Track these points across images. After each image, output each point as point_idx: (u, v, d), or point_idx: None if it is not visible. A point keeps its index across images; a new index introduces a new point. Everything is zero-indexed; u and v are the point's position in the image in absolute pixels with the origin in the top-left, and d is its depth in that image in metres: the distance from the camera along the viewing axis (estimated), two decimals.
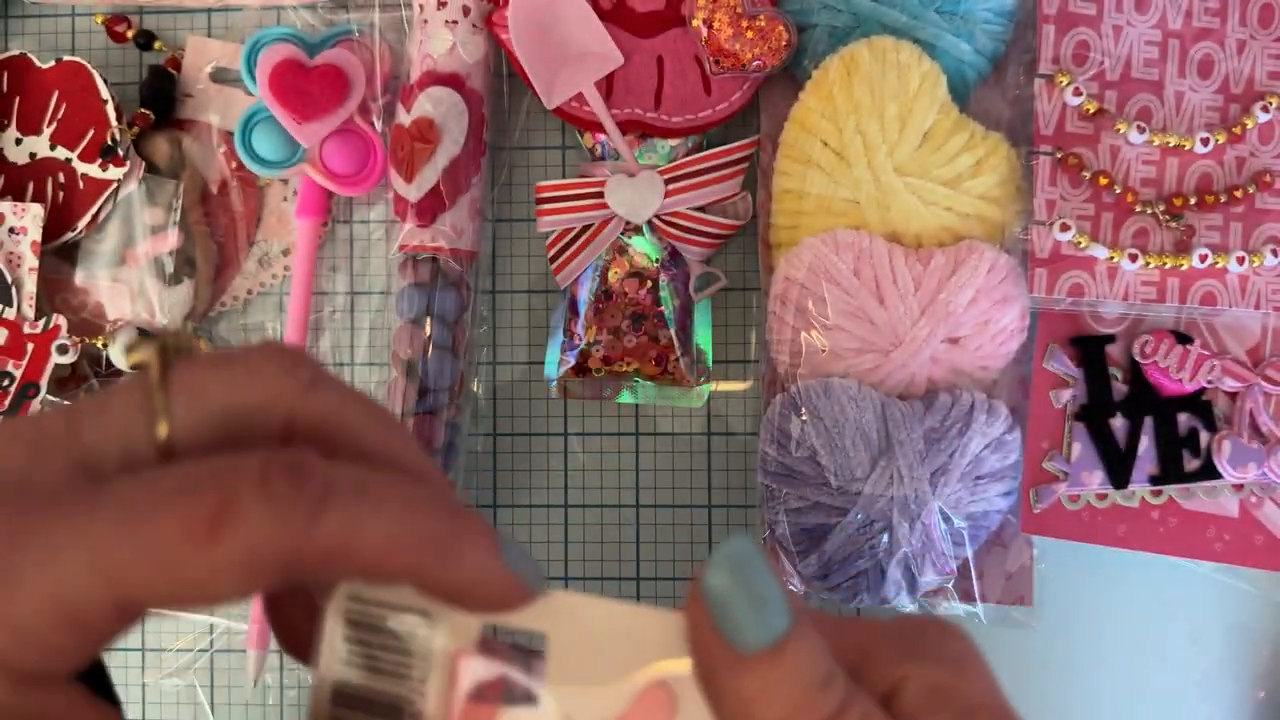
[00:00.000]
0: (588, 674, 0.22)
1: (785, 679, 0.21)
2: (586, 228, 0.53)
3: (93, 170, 0.54)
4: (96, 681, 0.23)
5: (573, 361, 0.54)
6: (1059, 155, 0.50)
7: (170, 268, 0.54)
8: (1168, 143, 0.50)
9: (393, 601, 0.22)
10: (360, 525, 0.20)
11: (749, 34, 0.51)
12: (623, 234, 0.53)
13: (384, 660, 0.22)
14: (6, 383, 0.52)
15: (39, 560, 0.19)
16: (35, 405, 0.53)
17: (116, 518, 0.19)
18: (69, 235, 0.54)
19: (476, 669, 0.22)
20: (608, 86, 0.52)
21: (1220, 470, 0.51)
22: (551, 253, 0.54)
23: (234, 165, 0.55)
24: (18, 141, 0.54)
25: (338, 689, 0.22)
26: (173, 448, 0.21)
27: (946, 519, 0.49)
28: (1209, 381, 0.51)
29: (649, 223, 0.53)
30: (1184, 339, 0.51)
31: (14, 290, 0.53)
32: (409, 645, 0.22)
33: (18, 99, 0.54)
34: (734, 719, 0.21)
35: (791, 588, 0.52)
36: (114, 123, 0.53)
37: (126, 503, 0.20)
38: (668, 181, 0.52)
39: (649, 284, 0.54)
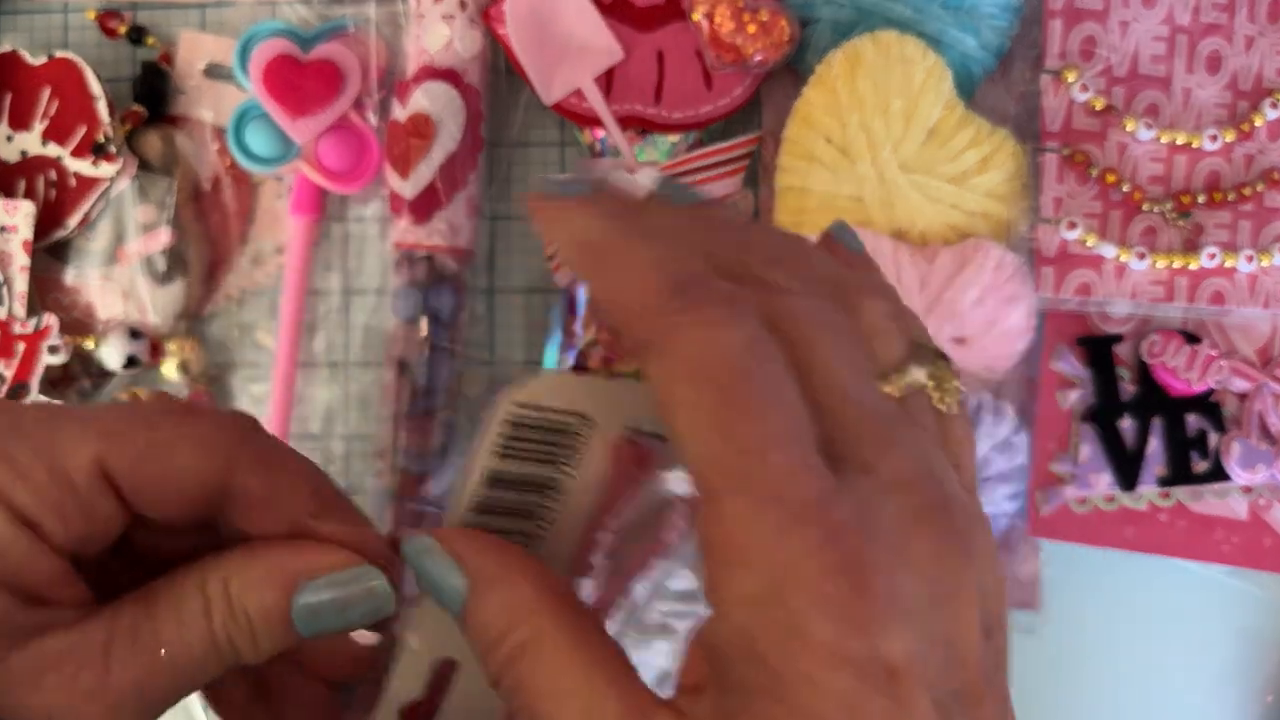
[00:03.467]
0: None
1: (475, 635, 0.24)
2: None
3: (84, 167, 0.54)
4: None
5: (571, 361, 0.54)
6: (1066, 152, 0.50)
7: (162, 266, 0.55)
8: (1175, 140, 0.50)
9: (555, 406, 0.26)
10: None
11: (751, 28, 0.50)
12: None
13: (536, 450, 0.27)
14: None
15: (39, 422, 0.25)
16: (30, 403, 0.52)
17: (106, 405, 0.26)
18: (60, 233, 0.54)
19: (622, 450, 0.27)
20: (607, 82, 0.52)
21: (1229, 472, 0.50)
22: (549, 251, 0.54)
23: (227, 162, 0.55)
24: (8, 138, 0.54)
25: (491, 474, 0.27)
26: None
27: None
28: (1218, 382, 0.50)
29: None
30: (1192, 339, 0.51)
31: (5, 289, 0.53)
32: (561, 438, 0.27)
33: (8, 95, 0.54)
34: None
35: None
36: (106, 119, 0.53)
37: (115, 401, 0.26)
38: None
39: None
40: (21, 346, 0.53)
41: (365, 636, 0.28)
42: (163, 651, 0.24)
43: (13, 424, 0.24)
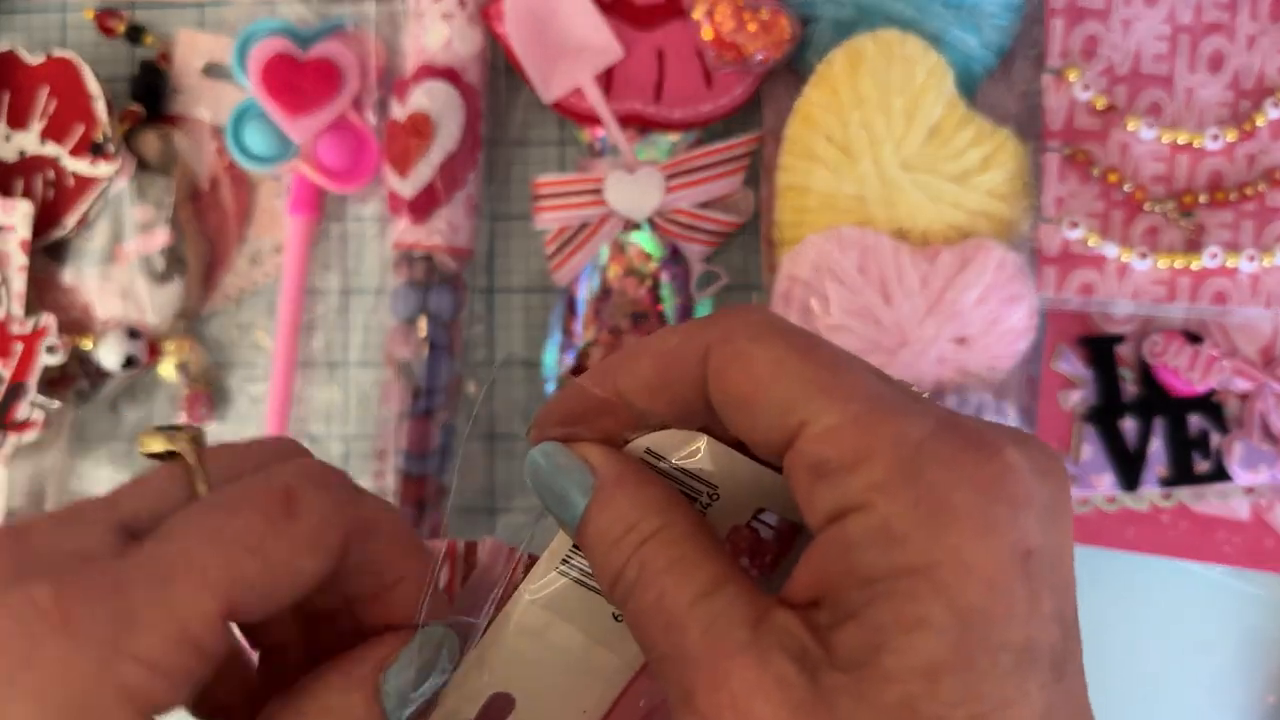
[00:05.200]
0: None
1: (599, 535, 0.24)
2: (585, 225, 0.53)
3: (82, 167, 0.53)
4: None
5: (571, 361, 0.54)
6: (1068, 151, 0.50)
7: (161, 265, 0.54)
8: (1178, 139, 0.50)
9: (687, 468, 0.25)
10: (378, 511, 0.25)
11: (751, 26, 0.50)
12: (622, 231, 0.53)
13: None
14: None
15: (148, 593, 0.21)
16: (24, 406, 0.52)
17: (202, 533, 0.22)
18: (58, 233, 0.54)
19: (740, 536, 0.25)
20: (607, 80, 0.52)
21: (1231, 473, 0.50)
22: (550, 250, 0.54)
23: (225, 161, 0.55)
24: (6, 138, 0.54)
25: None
26: None
27: None
28: (1220, 382, 0.50)
29: (649, 220, 0.53)
30: (1194, 339, 0.51)
31: (3, 289, 0.53)
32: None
33: (6, 94, 0.54)
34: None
35: None
36: (104, 118, 0.53)
37: (205, 518, 0.22)
38: (668, 177, 0.52)
39: (648, 282, 0.53)
40: (19, 346, 0.52)
41: None
42: None
43: (124, 614, 0.21)
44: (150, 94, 0.55)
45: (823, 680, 0.20)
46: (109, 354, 0.53)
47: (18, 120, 0.54)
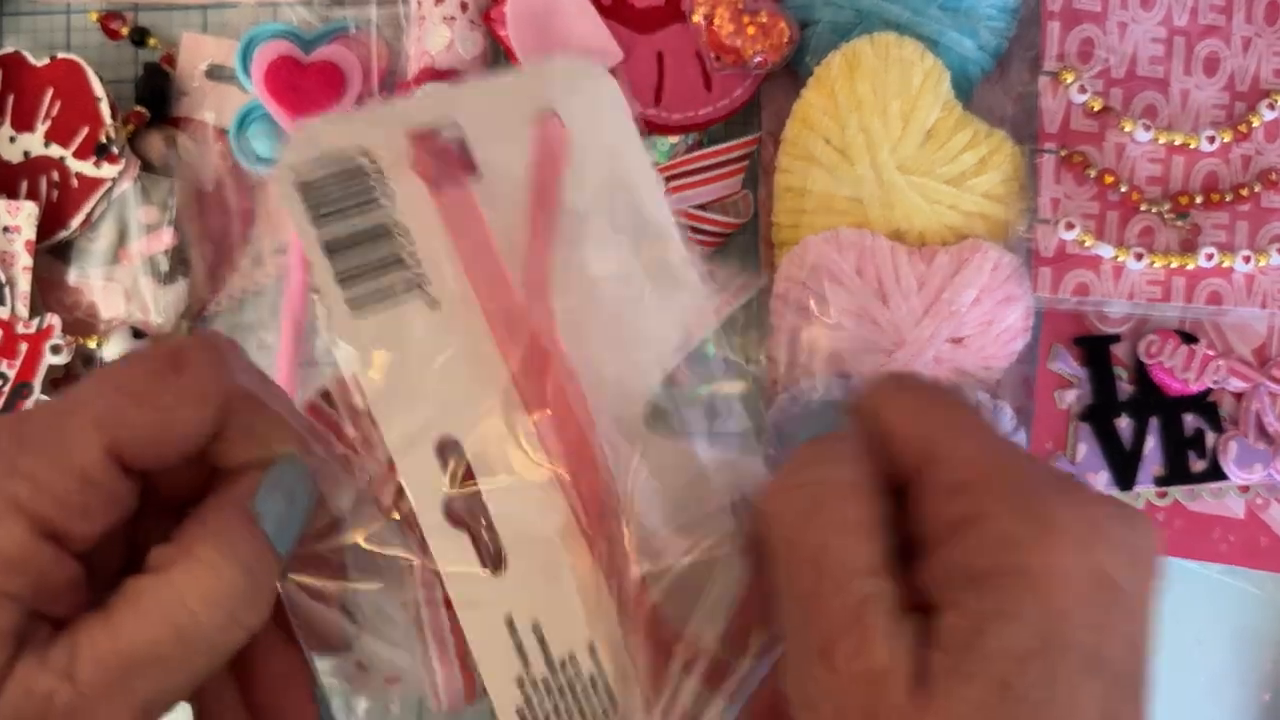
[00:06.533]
0: (500, 128, 0.26)
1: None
2: None
3: (87, 168, 0.53)
4: None
5: None
6: (1064, 153, 0.50)
7: (165, 266, 0.54)
8: (1173, 141, 0.50)
9: (327, 153, 0.25)
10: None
11: (750, 30, 0.50)
12: None
13: (344, 200, 0.25)
14: (0, 383, 0.52)
15: (43, 425, 0.24)
16: (29, 406, 0.52)
17: (96, 382, 0.25)
18: (63, 234, 0.54)
19: (424, 157, 0.25)
20: None
21: (1226, 471, 0.51)
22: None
23: (229, 163, 0.55)
24: (11, 139, 0.54)
25: (325, 245, 0.26)
26: None
27: None
28: (1215, 382, 0.51)
29: None
30: (1190, 339, 0.51)
31: (7, 289, 0.53)
32: (356, 178, 0.25)
33: (11, 96, 0.54)
34: None
35: None
36: (108, 120, 0.53)
37: (101, 371, 0.26)
38: (667, 179, 0.52)
39: None
40: (24, 347, 0.52)
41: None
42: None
43: (19, 437, 0.24)
44: (154, 96, 0.55)
45: (927, 659, 0.23)
46: (114, 354, 0.53)
47: (22, 122, 0.54)
